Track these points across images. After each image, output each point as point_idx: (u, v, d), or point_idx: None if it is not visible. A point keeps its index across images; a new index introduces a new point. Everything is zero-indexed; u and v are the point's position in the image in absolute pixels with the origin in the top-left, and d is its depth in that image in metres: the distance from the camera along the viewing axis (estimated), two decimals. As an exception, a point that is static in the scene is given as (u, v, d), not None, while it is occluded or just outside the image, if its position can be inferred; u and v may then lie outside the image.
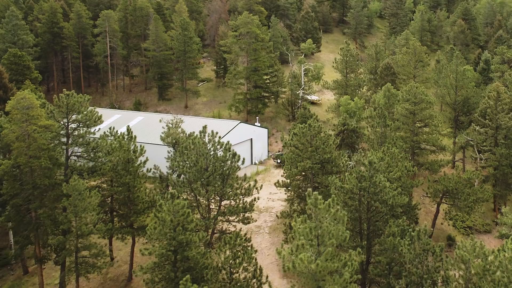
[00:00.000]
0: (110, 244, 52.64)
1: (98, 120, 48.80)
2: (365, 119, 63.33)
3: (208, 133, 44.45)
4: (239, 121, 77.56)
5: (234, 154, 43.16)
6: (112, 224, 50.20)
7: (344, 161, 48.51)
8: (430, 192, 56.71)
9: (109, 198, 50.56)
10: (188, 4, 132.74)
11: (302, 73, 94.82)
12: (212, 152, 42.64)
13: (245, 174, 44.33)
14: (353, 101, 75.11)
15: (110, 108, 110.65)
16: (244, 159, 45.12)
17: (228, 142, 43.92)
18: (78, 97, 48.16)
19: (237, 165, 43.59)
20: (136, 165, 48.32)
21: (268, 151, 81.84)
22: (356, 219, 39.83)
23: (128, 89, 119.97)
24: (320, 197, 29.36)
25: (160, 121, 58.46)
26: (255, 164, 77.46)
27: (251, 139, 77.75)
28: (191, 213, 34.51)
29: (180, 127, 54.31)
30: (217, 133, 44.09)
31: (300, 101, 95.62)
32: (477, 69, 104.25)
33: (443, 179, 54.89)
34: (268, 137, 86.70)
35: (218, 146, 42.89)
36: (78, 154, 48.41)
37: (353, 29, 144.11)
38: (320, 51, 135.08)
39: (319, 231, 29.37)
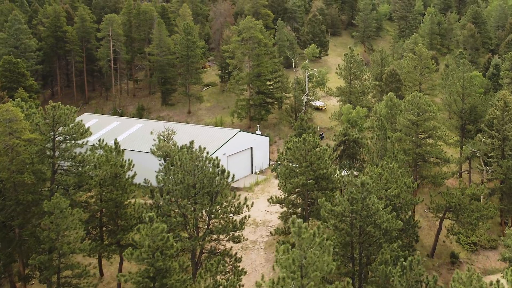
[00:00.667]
0: (100, 260, 50.92)
1: (86, 133, 47.16)
2: (366, 129, 61.14)
3: (196, 149, 42.47)
4: (239, 130, 75.63)
5: (223, 171, 41.26)
6: (102, 240, 48.54)
7: (340, 177, 46.38)
8: (432, 208, 54.44)
9: (98, 213, 48.86)
10: (194, 7, 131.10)
11: (306, 78, 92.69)
12: (200, 169, 40.70)
13: (234, 192, 42.44)
14: (355, 110, 72.86)
15: (113, 113, 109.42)
16: (233, 175, 43.16)
17: (217, 158, 42.02)
18: (64, 109, 46.50)
19: (227, 181, 41.66)
20: (124, 179, 46.53)
21: (270, 160, 79.84)
22: (347, 243, 37.75)
23: (132, 93, 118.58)
24: (304, 225, 27.33)
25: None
26: (256, 173, 75.51)
27: (251, 147, 75.78)
28: (171, 238, 32.65)
29: (172, 139, 52.47)
30: (204, 148, 42.20)
31: (304, 108, 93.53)
32: (486, 74, 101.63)
33: (446, 195, 52.60)
34: (270, 145, 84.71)
35: (207, 162, 40.98)
36: (65, 168, 46.77)
37: (362, 32, 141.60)
38: (327, 54, 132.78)
39: (303, 261, 27.35)
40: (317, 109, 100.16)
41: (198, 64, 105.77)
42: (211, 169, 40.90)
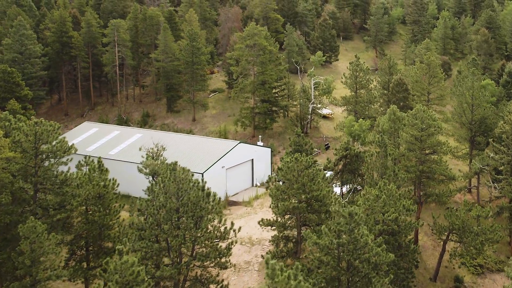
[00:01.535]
0: (86, 283, 48.84)
1: (69, 150, 45.22)
2: (368, 144, 58.47)
3: (179, 170, 40.17)
4: (238, 142, 73.28)
5: (208, 194, 38.98)
6: (87, 262, 46.45)
7: (335, 199, 43.75)
8: (435, 229, 51.62)
9: (84, 232, 46.76)
10: (202, 11, 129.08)
11: (312, 86, 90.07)
12: (183, 192, 38.44)
13: (220, 216, 40.09)
14: (358, 122, 70.10)
15: (117, 119, 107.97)
16: (220, 198, 40.79)
17: (203, 180, 39.77)
18: (47, 125, 44.63)
19: (212, 205, 39.38)
20: (108, 200, 44.41)
21: (272, 172, 77.44)
22: (334, 279, 35.22)
23: (139, 99, 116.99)
24: (279, 266, 24.97)
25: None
26: (256, 186, 73.20)
27: (252, 159, 73.45)
28: (142, 272, 30.42)
29: (162, 155, 50.27)
30: (189, 170, 39.98)
31: (310, 116, 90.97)
32: (500, 81, 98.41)
33: (449, 216, 49.76)
34: (274, 155, 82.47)
35: (191, 185, 38.68)
36: (47, 187, 44.83)
37: (373, 36, 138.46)
38: (338, 60, 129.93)
39: (278, 305, 25.00)
40: (324, 117, 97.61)
41: (203, 71, 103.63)
42: (195, 192, 38.59)
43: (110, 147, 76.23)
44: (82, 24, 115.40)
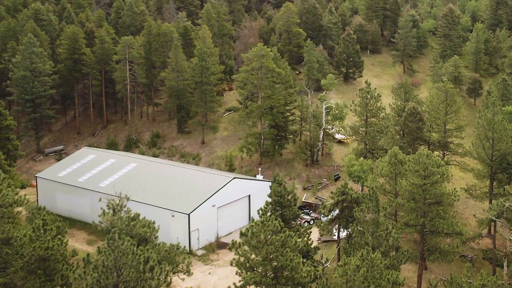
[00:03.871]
0: None
1: (14, 204, 40.63)
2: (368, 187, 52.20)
3: (137, 227, 35.01)
4: (233, 177, 67.47)
5: (152, 268, 33.61)
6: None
7: (307, 271, 37.72)
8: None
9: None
10: (219, 26, 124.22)
11: (324, 111, 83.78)
12: (123, 264, 33.26)
13: (167, 292, 34.79)
14: (358, 161, 63.66)
15: (126, 140, 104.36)
16: (168, 277, 35.14)
17: (148, 250, 34.42)
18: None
19: (158, 280, 34.04)
20: (52, 265, 39.46)
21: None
22: None
23: (152, 117, 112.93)
24: None
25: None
26: (254, 223, 67.50)
27: (249, 195, 67.83)
28: None
29: (125, 206, 45.15)
30: (154, 222, 34.73)
31: (320, 143, 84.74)
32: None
33: (449, 283, 43.12)
34: (279, 188, 76.58)
35: (131, 257, 33.35)
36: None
37: (401, 51, 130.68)
38: (362, 76, 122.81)
39: None
40: (339, 142, 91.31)
41: (213, 91, 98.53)
42: (136, 267, 33.34)
43: (102, 177, 71.96)
44: (96, 40, 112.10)
